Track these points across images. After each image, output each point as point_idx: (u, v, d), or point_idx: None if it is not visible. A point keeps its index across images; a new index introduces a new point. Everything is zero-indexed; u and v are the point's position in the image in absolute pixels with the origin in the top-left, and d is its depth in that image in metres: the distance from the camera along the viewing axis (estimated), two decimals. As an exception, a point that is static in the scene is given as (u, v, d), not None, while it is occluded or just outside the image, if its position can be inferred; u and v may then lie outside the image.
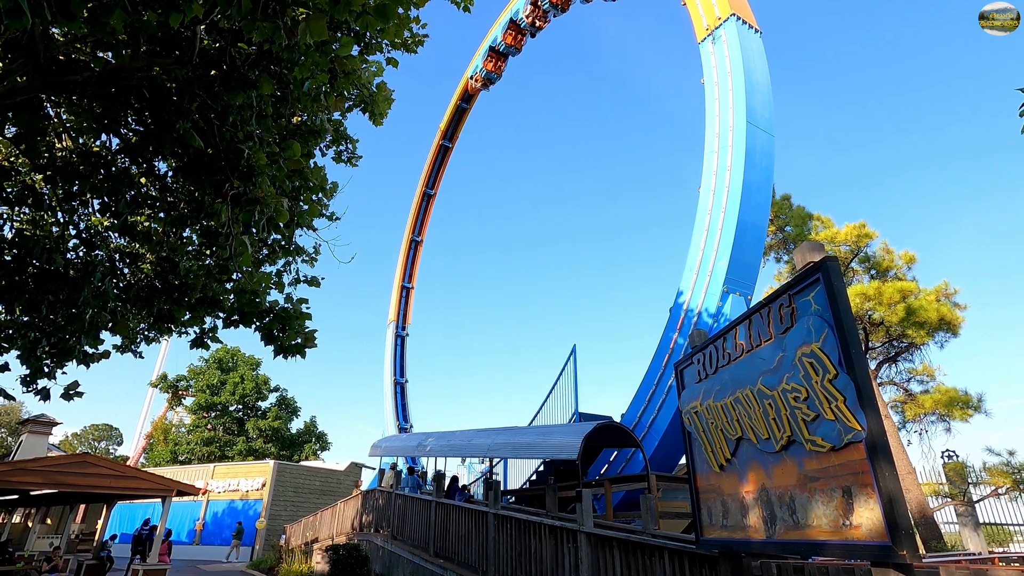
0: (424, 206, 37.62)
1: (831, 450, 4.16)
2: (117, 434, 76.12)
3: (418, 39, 7.21)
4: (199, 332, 6.92)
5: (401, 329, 36.61)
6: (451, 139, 36.60)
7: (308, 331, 6.50)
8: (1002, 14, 4.44)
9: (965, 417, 14.61)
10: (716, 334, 6.04)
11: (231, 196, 5.54)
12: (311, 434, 45.10)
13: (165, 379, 43.29)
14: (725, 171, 15.14)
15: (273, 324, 6.37)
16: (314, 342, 6.53)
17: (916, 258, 16.33)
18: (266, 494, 28.06)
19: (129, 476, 14.89)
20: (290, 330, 6.36)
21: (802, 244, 4.81)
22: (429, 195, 37.52)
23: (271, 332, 6.37)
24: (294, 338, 6.37)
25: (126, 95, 5.72)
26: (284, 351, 6.38)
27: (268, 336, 6.40)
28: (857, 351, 4.12)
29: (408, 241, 37.55)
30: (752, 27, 17.00)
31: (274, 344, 6.39)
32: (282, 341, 6.34)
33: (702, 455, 6.08)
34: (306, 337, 6.44)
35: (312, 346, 6.50)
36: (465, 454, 16.07)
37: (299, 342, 6.40)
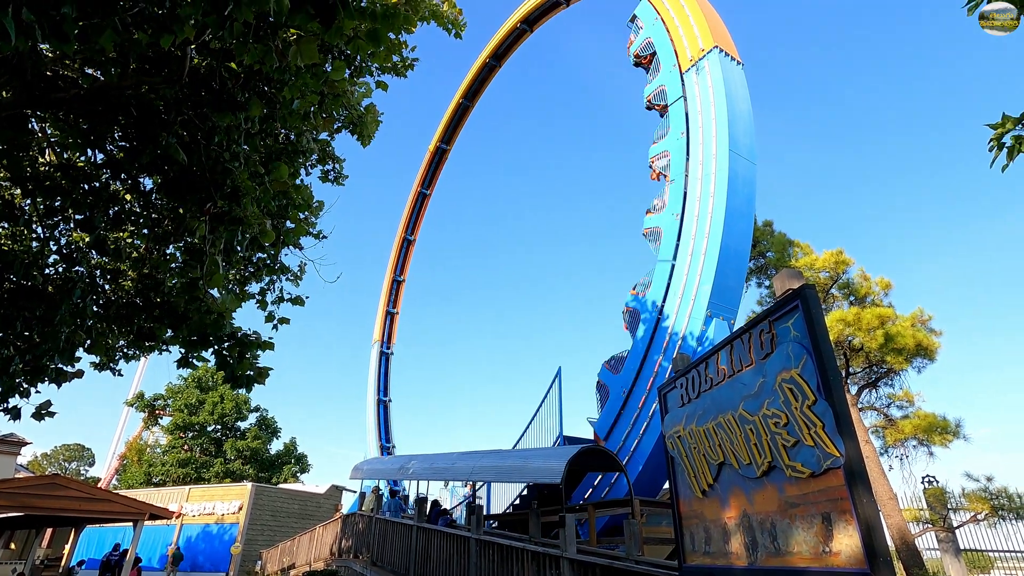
0: (418, 207, 37.50)
1: (811, 476, 4.19)
2: (89, 454, 73.90)
3: (408, 63, 7.33)
4: (185, 352, 6.83)
5: (386, 347, 36.30)
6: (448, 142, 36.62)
7: (260, 367, 6.43)
8: (1002, 14, 4.40)
9: (944, 442, 14.79)
10: (699, 359, 6.10)
11: (213, 215, 5.52)
12: (291, 456, 44.20)
13: (142, 398, 42.30)
14: (708, 197, 15.43)
15: (231, 351, 6.29)
16: (264, 378, 6.45)
17: (892, 284, 16.70)
18: (242, 518, 27.30)
19: (100, 499, 14.43)
20: (244, 360, 6.27)
21: (781, 271, 4.91)
22: (424, 194, 37.29)
23: (225, 359, 6.28)
24: (247, 368, 6.29)
25: (113, 112, 5.72)
26: (235, 381, 6.30)
27: (222, 362, 6.32)
28: (835, 378, 4.19)
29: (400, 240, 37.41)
30: (734, 59, 17.52)
31: (226, 371, 6.31)
32: (234, 370, 6.25)
33: (685, 480, 6.08)
34: (258, 372, 6.37)
35: (261, 382, 6.42)
36: (448, 477, 15.85)
37: (251, 375, 6.32)
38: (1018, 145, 5.10)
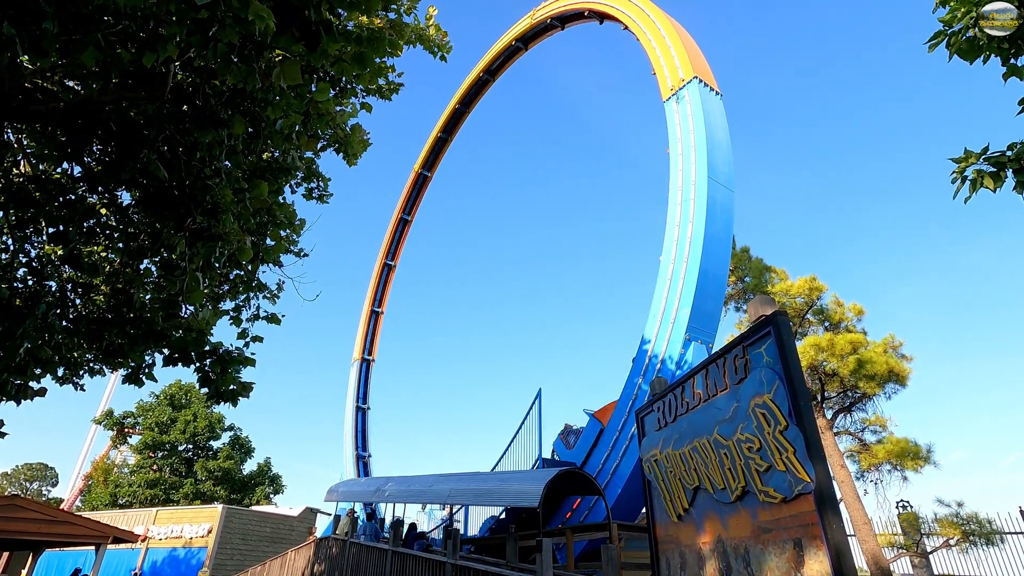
0: (399, 233, 37.52)
1: (783, 501, 4.24)
2: (52, 474, 71.14)
3: (393, 87, 7.41)
4: (134, 367, 6.69)
5: (367, 354, 35.85)
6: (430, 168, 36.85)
7: (244, 381, 6.37)
8: (1002, 14, 4.43)
9: (916, 467, 15.00)
10: (675, 382, 6.16)
11: (192, 231, 5.48)
12: (265, 476, 43.05)
13: (111, 415, 41.01)
14: (688, 223, 15.72)
15: (214, 367, 6.22)
16: (249, 392, 6.39)
17: (864, 310, 17.09)
18: (212, 541, 26.41)
19: (61, 521, 13.87)
20: (227, 375, 6.21)
21: (755, 298, 5.01)
22: (405, 220, 37.39)
23: (208, 375, 6.21)
24: (231, 383, 6.22)
25: (92, 125, 5.67)
26: (219, 396, 6.22)
27: (205, 379, 6.24)
28: (806, 403, 4.27)
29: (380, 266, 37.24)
30: (713, 89, 18.04)
31: (209, 388, 6.24)
32: (218, 386, 6.18)
33: (661, 504, 6.09)
34: (242, 386, 6.30)
35: (246, 396, 6.36)
36: (425, 500, 15.59)
37: (234, 389, 6.25)
38: (980, 179, 5.32)
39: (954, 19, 5.01)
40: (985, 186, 5.23)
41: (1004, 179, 5.29)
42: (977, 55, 5.19)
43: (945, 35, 5.22)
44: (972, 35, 4.99)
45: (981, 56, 5.21)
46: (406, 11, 6.81)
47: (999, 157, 5.27)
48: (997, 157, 5.28)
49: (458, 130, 35.35)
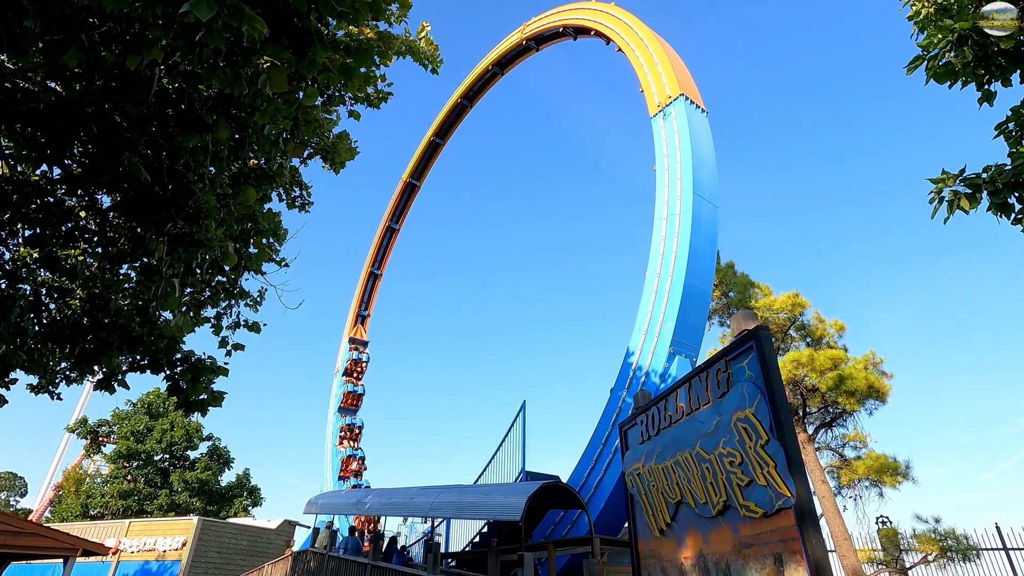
0: (386, 241, 37.34)
1: (763, 516, 4.24)
2: (21, 484, 69.03)
3: (382, 95, 7.41)
4: (107, 373, 6.53)
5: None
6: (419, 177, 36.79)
7: (216, 391, 6.24)
8: (1002, 14, 4.46)
9: (894, 484, 15.16)
10: (658, 396, 6.16)
11: (172, 235, 5.39)
12: (243, 488, 42.15)
13: (85, 423, 39.95)
14: (673, 238, 15.87)
15: (184, 375, 6.09)
16: (220, 402, 6.27)
17: (845, 327, 17.35)
18: (186, 554, 25.73)
19: (28, 533, 13.42)
20: (198, 384, 6.08)
21: (738, 313, 5.05)
22: (393, 229, 37.25)
23: (177, 383, 6.08)
24: (201, 392, 6.10)
25: (73, 127, 5.58)
26: (188, 405, 6.09)
27: (174, 387, 6.11)
28: (787, 418, 4.29)
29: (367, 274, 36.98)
30: (699, 106, 18.33)
31: (178, 396, 6.10)
32: (187, 395, 6.05)
33: (643, 519, 6.06)
34: (213, 396, 6.18)
35: (217, 405, 6.23)
36: (406, 513, 15.38)
37: (204, 398, 6.13)
38: (956, 200, 5.45)
39: (931, 45, 5.15)
40: (961, 207, 5.35)
41: (979, 200, 5.42)
42: (954, 80, 5.34)
43: (923, 59, 5.36)
44: (948, 60, 5.14)
45: (959, 81, 5.35)
46: (396, 20, 6.83)
47: (975, 179, 5.40)
48: (973, 179, 5.41)
49: (450, 135, 35.39)
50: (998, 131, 5.66)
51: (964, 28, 4.87)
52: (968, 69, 5.14)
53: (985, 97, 5.41)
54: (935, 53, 5.19)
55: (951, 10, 5.47)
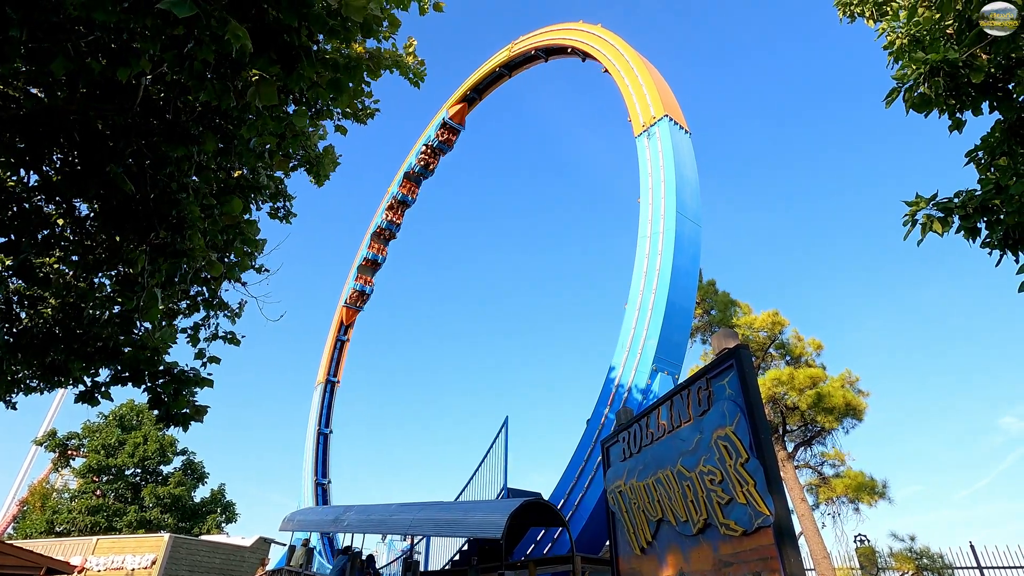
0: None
1: (743, 534, 4.27)
2: (-16, 499, 66.35)
3: (369, 111, 7.45)
4: (89, 385, 6.37)
5: (332, 376, 35.05)
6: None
7: (198, 404, 6.13)
8: (1002, 14, 4.45)
9: (872, 502, 15.34)
10: (640, 413, 6.19)
11: (154, 245, 5.31)
12: (217, 504, 41.09)
13: (54, 436, 38.72)
14: (656, 255, 16.07)
15: (166, 387, 5.96)
16: (203, 416, 6.15)
17: (823, 345, 17.65)
18: (156, 573, 24.92)
19: (-11, 550, 12.92)
20: (181, 397, 5.96)
21: (718, 331, 5.12)
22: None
23: (159, 396, 5.95)
24: (183, 406, 5.98)
25: (55, 134, 5.50)
26: (170, 419, 5.96)
27: (155, 400, 5.98)
28: (766, 436, 4.35)
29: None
30: (683, 128, 18.70)
31: (160, 409, 5.97)
32: (169, 407, 5.92)
33: (625, 537, 6.04)
34: (195, 409, 6.06)
35: (199, 419, 6.11)
36: (385, 530, 15.12)
37: (187, 412, 6.01)
38: (930, 223, 5.62)
39: (905, 76, 5.34)
40: (934, 230, 5.53)
41: (951, 224, 5.61)
42: (930, 109, 5.53)
43: (900, 91, 5.55)
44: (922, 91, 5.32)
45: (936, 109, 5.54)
46: (384, 37, 6.90)
47: (947, 203, 5.59)
48: (945, 203, 5.60)
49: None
50: (968, 158, 5.87)
51: (935, 60, 5.06)
52: (940, 99, 5.34)
53: (956, 125, 5.61)
54: (910, 84, 5.38)
55: (923, 41, 5.69)
